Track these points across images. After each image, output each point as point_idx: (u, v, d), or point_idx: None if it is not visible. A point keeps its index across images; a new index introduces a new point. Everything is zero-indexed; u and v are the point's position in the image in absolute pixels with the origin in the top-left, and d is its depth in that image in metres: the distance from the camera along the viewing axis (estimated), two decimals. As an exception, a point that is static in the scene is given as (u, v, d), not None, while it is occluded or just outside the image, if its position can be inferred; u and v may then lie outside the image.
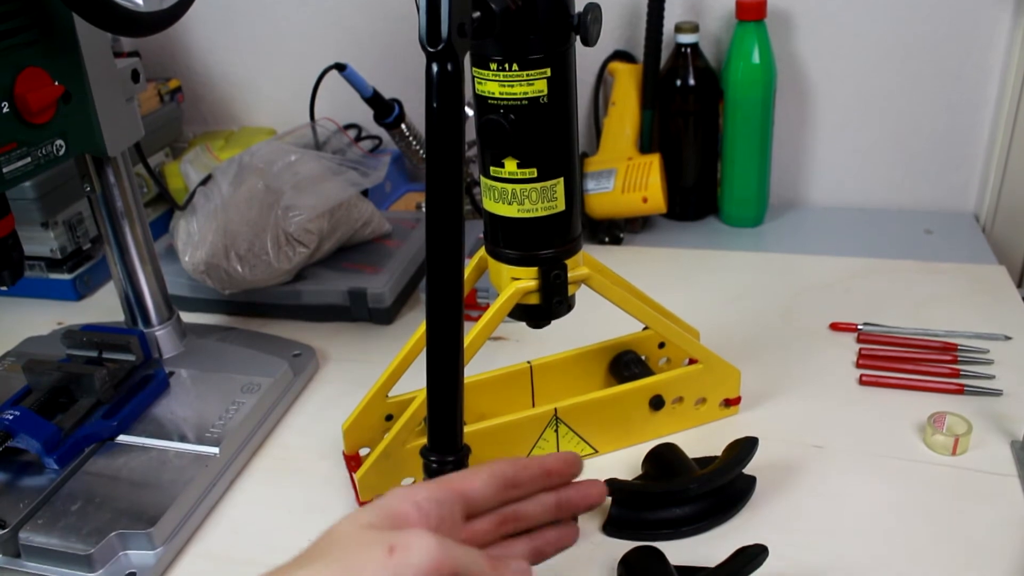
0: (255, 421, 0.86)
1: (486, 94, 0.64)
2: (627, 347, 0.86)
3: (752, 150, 1.17)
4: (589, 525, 0.73)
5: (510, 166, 0.66)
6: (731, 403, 0.84)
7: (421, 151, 1.19)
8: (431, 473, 0.58)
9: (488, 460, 0.52)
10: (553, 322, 0.74)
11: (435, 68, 0.54)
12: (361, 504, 0.75)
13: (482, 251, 0.74)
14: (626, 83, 1.21)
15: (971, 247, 1.13)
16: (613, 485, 0.71)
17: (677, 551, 0.67)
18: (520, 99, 0.63)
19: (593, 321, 0.81)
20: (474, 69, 0.64)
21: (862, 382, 0.87)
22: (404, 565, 0.40)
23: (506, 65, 0.62)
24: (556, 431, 0.78)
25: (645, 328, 0.86)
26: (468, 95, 0.62)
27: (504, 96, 0.63)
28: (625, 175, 1.16)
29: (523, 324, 0.74)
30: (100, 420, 0.82)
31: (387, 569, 0.40)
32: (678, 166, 1.22)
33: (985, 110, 1.17)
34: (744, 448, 0.72)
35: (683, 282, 1.09)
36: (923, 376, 0.86)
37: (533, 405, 0.84)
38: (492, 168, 0.67)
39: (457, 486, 0.48)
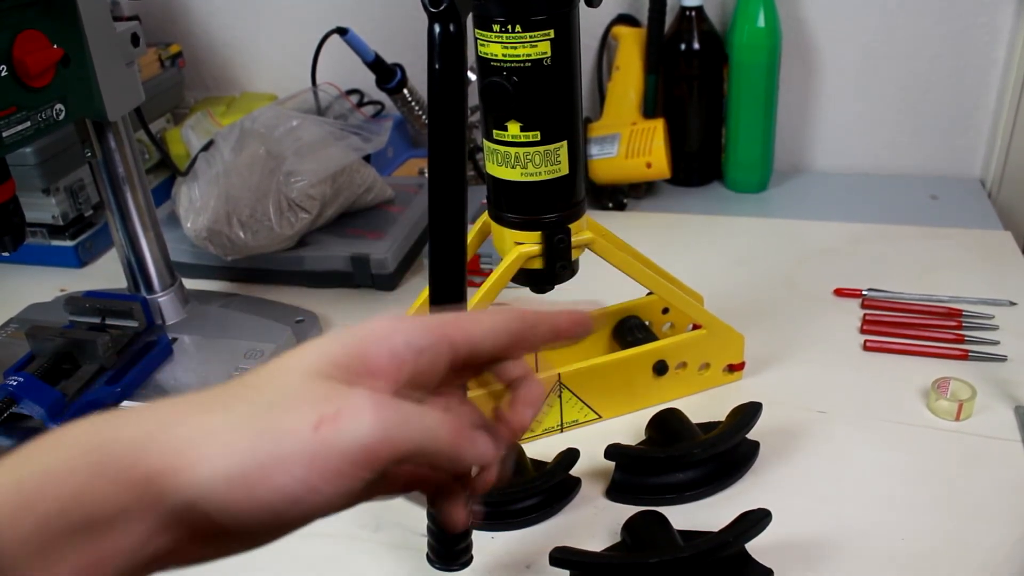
0: (258, 387, 0.85)
1: (489, 56, 0.64)
2: (631, 312, 0.86)
3: (757, 115, 1.16)
4: (593, 490, 0.73)
5: (513, 129, 0.65)
6: (735, 368, 0.84)
7: (423, 116, 1.18)
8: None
9: (501, 308, 0.44)
10: (556, 287, 0.73)
11: (437, 29, 0.53)
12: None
13: (485, 216, 0.74)
14: (630, 47, 1.20)
15: (977, 213, 1.12)
16: (616, 450, 0.71)
17: (680, 516, 0.68)
18: (523, 61, 0.63)
19: (597, 286, 0.81)
20: (477, 31, 0.64)
21: (866, 347, 0.87)
22: (327, 446, 0.33)
23: (509, 26, 0.61)
24: (560, 396, 0.78)
25: (649, 293, 0.86)
26: (471, 59, 0.61)
27: (507, 58, 0.63)
28: (629, 140, 1.15)
29: (527, 289, 0.74)
30: (104, 386, 0.82)
31: (306, 446, 0.33)
32: (682, 131, 1.21)
33: (992, 74, 1.16)
34: (747, 413, 0.72)
35: (687, 247, 1.09)
36: (927, 341, 0.86)
37: (536, 370, 0.84)
38: (495, 131, 0.66)
39: (452, 334, 0.40)
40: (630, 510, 0.68)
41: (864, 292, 0.94)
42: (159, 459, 0.33)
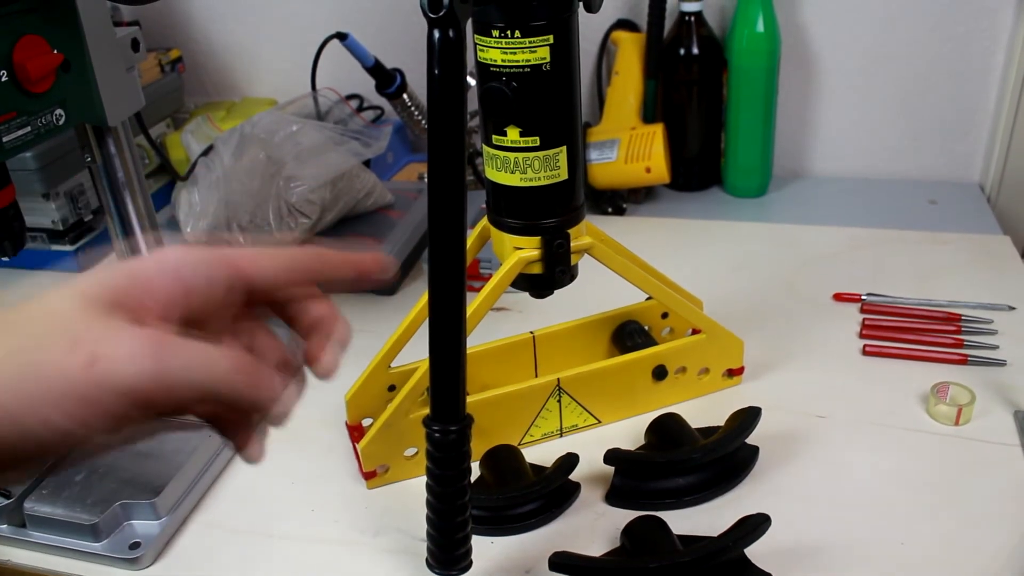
0: (258, 392, 0.85)
1: (488, 62, 0.64)
2: (630, 317, 0.86)
3: (756, 120, 1.16)
4: (593, 495, 0.73)
5: (512, 134, 0.65)
6: (734, 373, 0.84)
7: (423, 121, 1.18)
8: (433, 443, 0.58)
9: (295, 250, 0.42)
10: (556, 292, 0.73)
11: (436, 35, 0.53)
12: (364, 474, 0.75)
13: (484, 221, 0.74)
14: (629, 52, 1.21)
15: (976, 217, 1.13)
16: (616, 455, 0.71)
17: (680, 521, 0.68)
18: (522, 66, 0.63)
19: (596, 291, 0.81)
20: (476, 36, 0.64)
21: (866, 352, 0.87)
22: (98, 384, 0.32)
23: (508, 32, 0.62)
24: (559, 401, 0.78)
25: (648, 298, 0.86)
26: (470, 65, 0.62)
27: (506, 63, 0.63)
28: (628, 145, 1.15)
29: (526, 294, 0.74)
30: (103, 391, 0.82)
31: (77, 384, 0.32)
32: (682, 136, 1.21)
33: (991, 78, 1.16)
34: (747, 418, 0.72)
35: (686, 252, 1.09)
36: (927, 346, 0.86)
37: (536, 375, 0.84)
38: (494, 137, 0.66)
39: (245, 267, 0.39)
40: (630, 515, 0.68)
41: (863, 297, 0.95)
42: None
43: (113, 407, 0.33)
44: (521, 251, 0.70)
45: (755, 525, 0.62)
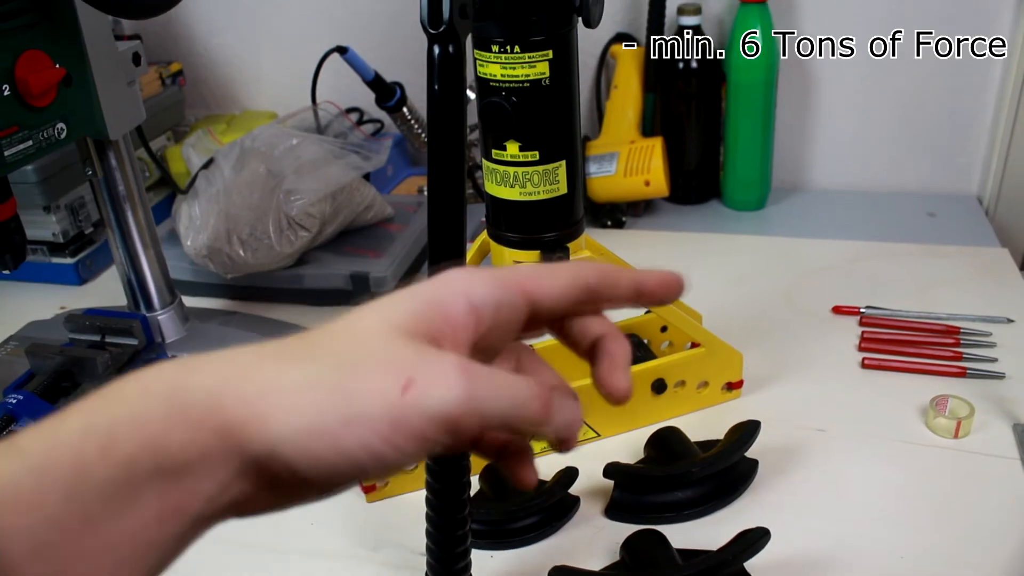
0: (258, 405, 0.85)
1: (488, 76, 0.64)
2: (629, 330, 0.86)
3: (755, 133, 1.16)
4: (592, 509, 0.73)
5: (512, 149, 0.65)
6: (733, 387, 0.84)
7: (423, 134, 1.18)
8: (433, 456, 0.58)
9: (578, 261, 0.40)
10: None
11: (436, 50, 0.53)
12: (363, 488, 0.75)
13: (484, 235, 0.74)
14: (628, 66, 1.21)
15: (974, 230, 1.13)
16: (615, 469, 0.71)
17: (679, 534, 0.68)
18: (522, 81, 0.63)
19: (595, 304, 0.81)
20: (476, 51, 0.64)
21: (864, 365, 0.87)
22: (413, 409, 0.32)
23: (508, 47, 0.62)
24: (558, 414, 0.78)
25: (647, 311, 0.86)
26: (470, 78, 0.62)
27: (506, 78, 0.63)
28: (627, 158, 1.15)
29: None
30: (103, 404, 0.82)
31: (392, 408, 0.32)
32: (680, 149, 1.22)
33: (989, 92, 1.16)
34: (746, 431, 0.72)
35: (685, 266, 1.07)
36: (926, 359, 0.86)
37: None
38: (494, 151, 0.66)
39: (529, 288, 0.38)
40: (629, 529, 0.68)
41: (862, 310, 0.95)
42: (235, 408, 0.33)
43: (424, 431, 0.33)
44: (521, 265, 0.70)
45: (755, 539, 0.62)
